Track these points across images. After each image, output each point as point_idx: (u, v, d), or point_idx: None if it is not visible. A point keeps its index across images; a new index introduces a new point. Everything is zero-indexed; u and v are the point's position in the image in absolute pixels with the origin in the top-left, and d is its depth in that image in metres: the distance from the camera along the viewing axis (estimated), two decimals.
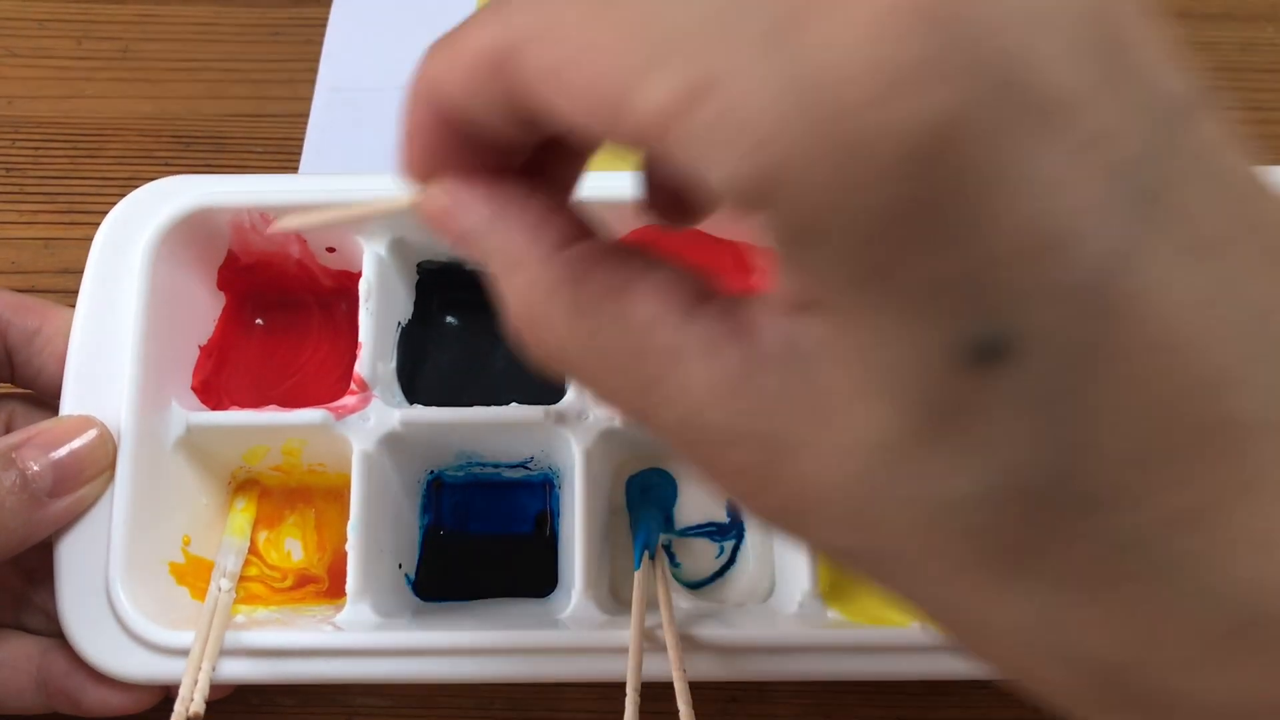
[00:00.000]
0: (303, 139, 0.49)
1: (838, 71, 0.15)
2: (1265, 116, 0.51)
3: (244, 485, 0.41)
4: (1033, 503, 0.16)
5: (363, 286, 0.39)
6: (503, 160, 0.22)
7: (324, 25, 0.52)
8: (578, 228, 0.21)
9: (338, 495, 0.39)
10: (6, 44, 0.52)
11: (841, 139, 0.15)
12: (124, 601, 0.35)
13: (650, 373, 0.19)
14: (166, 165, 0.49)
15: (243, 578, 0.39)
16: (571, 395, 0.38)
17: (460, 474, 0.41)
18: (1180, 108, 0.16)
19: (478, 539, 0.41)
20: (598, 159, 0.23)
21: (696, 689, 0.39)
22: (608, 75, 0.17)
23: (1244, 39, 0.53)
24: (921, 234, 0.15)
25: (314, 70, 0.51)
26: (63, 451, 0.35)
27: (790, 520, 0.19)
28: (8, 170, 0.49)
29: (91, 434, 0.36)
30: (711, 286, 0.20)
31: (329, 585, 0.39)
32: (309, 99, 0.50)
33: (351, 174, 0.40)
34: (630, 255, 0.20)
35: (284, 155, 0.49)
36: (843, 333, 0.17)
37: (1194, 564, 0.16)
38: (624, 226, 0.39)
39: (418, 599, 0.40)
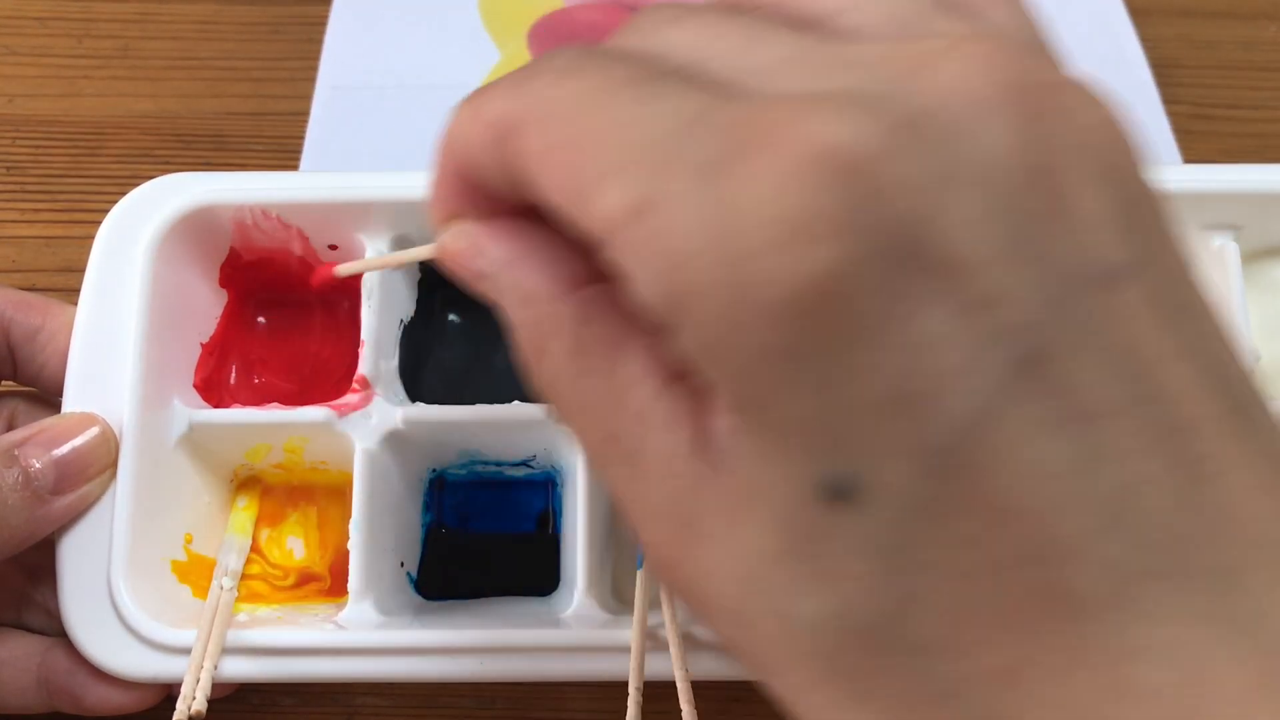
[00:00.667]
0: (303, 137, 0.49)
1: (750, 215, 0.16)
2: (1265, 116, 0.51)
3: (246, 483, 0.41)
4: (866, 638, 0.17)
5: (365, 284, 0.39)
6: (520, 204, 0.23)
7: (325, 23, 0.52)
8: (591, 271, 0.22)
9: (340, 493, 0.39)
10: (7, 42, 0.52)
11: (738, 279, 0.16)
12: (126, 599, 0.35)
13: (615, 427, 0.20)
14: (167, 164, 0.49)
15: (245, 576, 0.39)
16: None
17: (462, 472, 0.41)
18: (1094, 276, 0.17)
19: (480, 537, 0.41)
20: None
21: (698, 688, 0.39)
22: (580, 173, 0.18)
23: (1245, 37, 0.53)
24: (793, 376, 0.16)
25: (315, 68, 0.51)
26: (65, 449, 0.35)
27: (691, 600, 0.20)
28: (8, 168, 0.49)
29: (94, 431, 0.35)
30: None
31: (331, 584, 0.39)
32: (310, 97, 0.50)
33: (352, 172, 0.40)
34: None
35: (285, 153, 0.49)
36: (743, 445, 0.18)
37: None
38: None
39: (420, 597, 0.39)
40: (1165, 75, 0.52)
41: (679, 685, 0.32)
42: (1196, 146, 0.50)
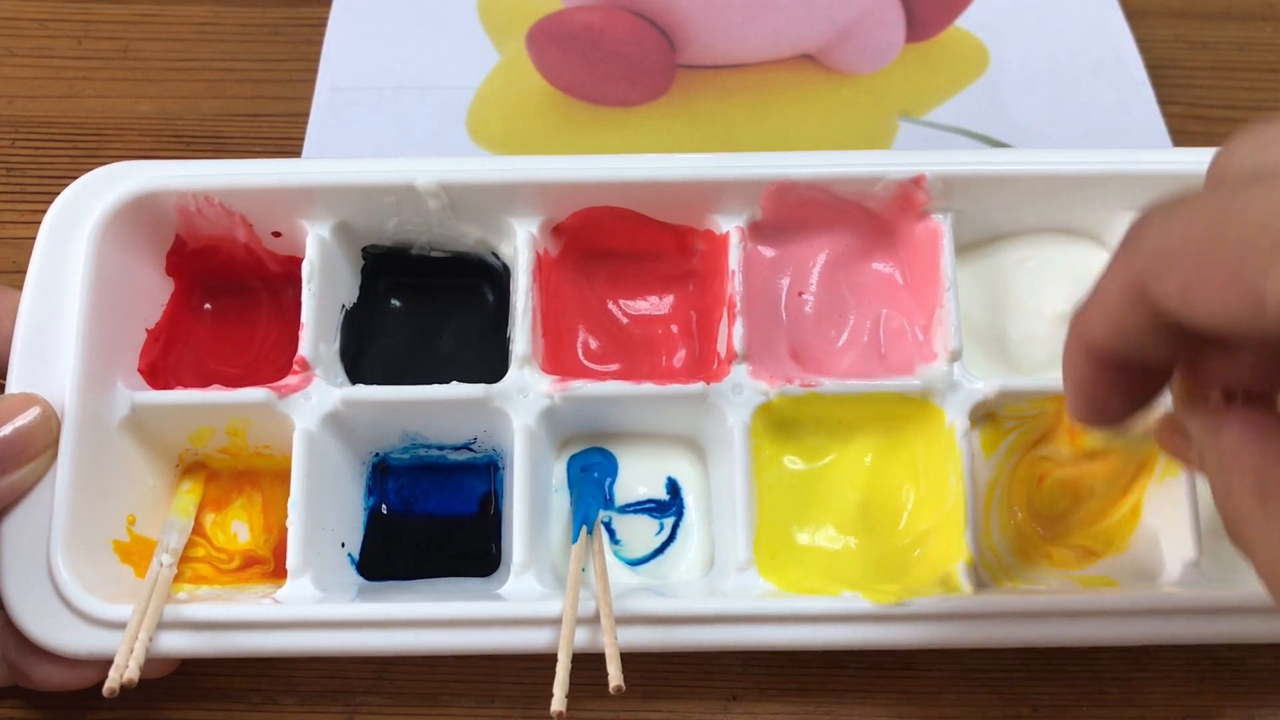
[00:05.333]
0: (303, 138, 0.49)
1: None
2: (1262, 116, 0.51)
3: (192, 468, 0.41)
4: None
5: (305, 268, 0.39)
6: (1152, 388, 0.27)
7: (324, 24, 0.53)
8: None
9: (284, 478, 0.39)
10: (7, 43, 0.52)
11: None
12: (65, 576, 0.35)
13: None
14: None
15: (190, 559, 0.39)
16: (511, 374, 0.39)
17: (405, 456, 0.42)
18: None
19: (422, 520, 0.41)
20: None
21: (696, 688, 0.39)
22: (1238, 276, 0.20)
23: (1241, 39, 0.53)
24: None
25: (314, 69, 0.51)
26: (6, 430, 0.35)
27: None
28: (8, 170, 0.49)
29: (34, 412, 0.36)
30: None
31: (274, 566, 0.40)
32: (309, 98, 0.51)
33: (295, 160, 0.41)
34: None
35: (284, 154, 0.49)
36: None
37: None
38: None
39: (361, 578, 0.40)
40: (1161, 76, 0.52)
41: (607, 651, 0.33)
42: (1193, 147, 0.50)
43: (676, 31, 0.53)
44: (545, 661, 0.34)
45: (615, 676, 0.32)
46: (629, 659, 0.33)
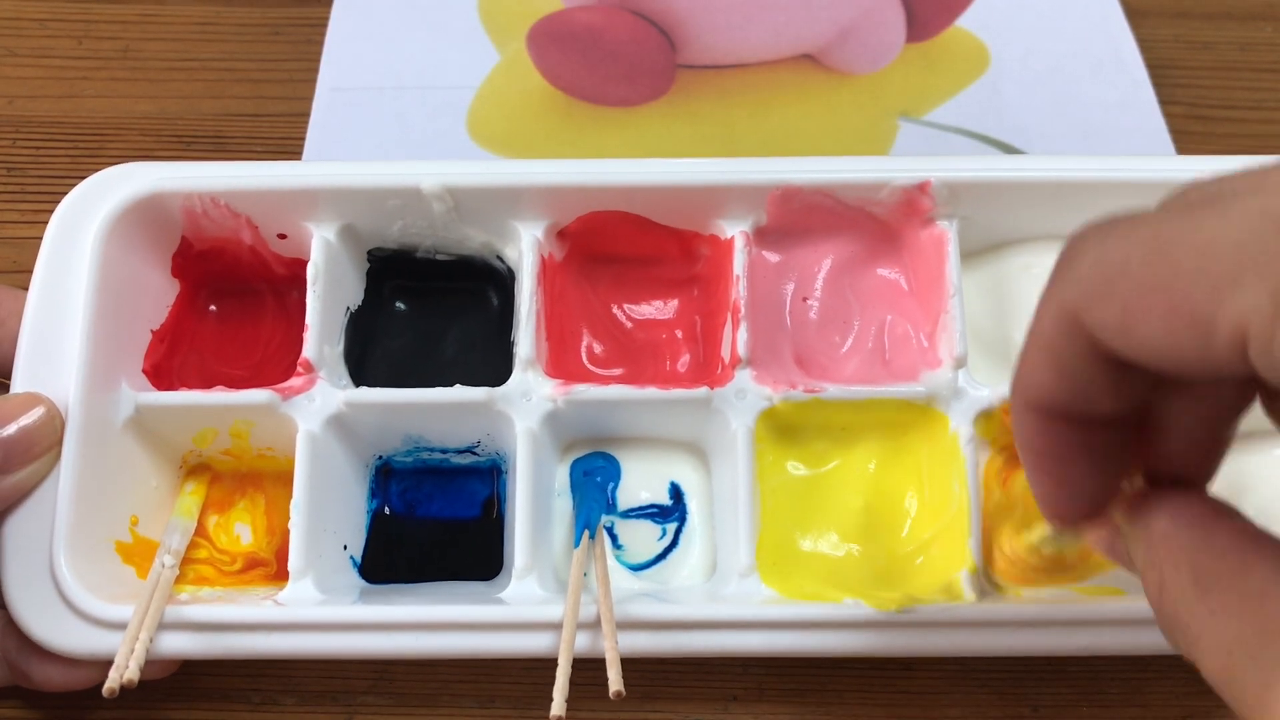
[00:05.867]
0: (303, 139, 0.49)
1: None
2: (1262, 116, 0.52)
3: (195, 470, 0.41)
4: None
5: (310, 270, 0.39)
6: (1114, 453, 0.24)
7: (324, 25, 0.53)
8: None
9: (288, 480, 0.39)
10: (7, 43, 0.52)
11: None
12: (67, 577, 0.35)
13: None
14: None
15: (192, 560, 0.39)
16: (515, 378, 0.39)
17: (408, 459, 0.42)
18: None
19: (425, 523, 0.41)
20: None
21: (697, 689, 0.39)
22: (1185, 301, 0.19)
23: (1242, 38, 0.53)
24: None
25: (315, 70, 0.51)
26: (10, 429, 0.35)
27: None
28: (9, 170, 0.49)
29: (39, 411, 0.36)
30: None
31: (277, 569, 0.40)
32: (310, 98, 0.51)
33: (301, 162, 0.40)
34: None
35: (285, 155, 0.49)
36: None
37: None
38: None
39: (364, 581, 0.40)
40: (1162, 76, 0.52)
41: (608, 656, 0.33)
42: (1193, 147, 0.50)
43: (677, 31, 0.53)
44: (546, 662, 0.34)
45: (615, 682, 0.32)
46: (629, 660, 0.33)
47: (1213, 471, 0.25)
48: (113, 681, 0.32)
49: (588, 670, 0.34)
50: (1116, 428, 0.24)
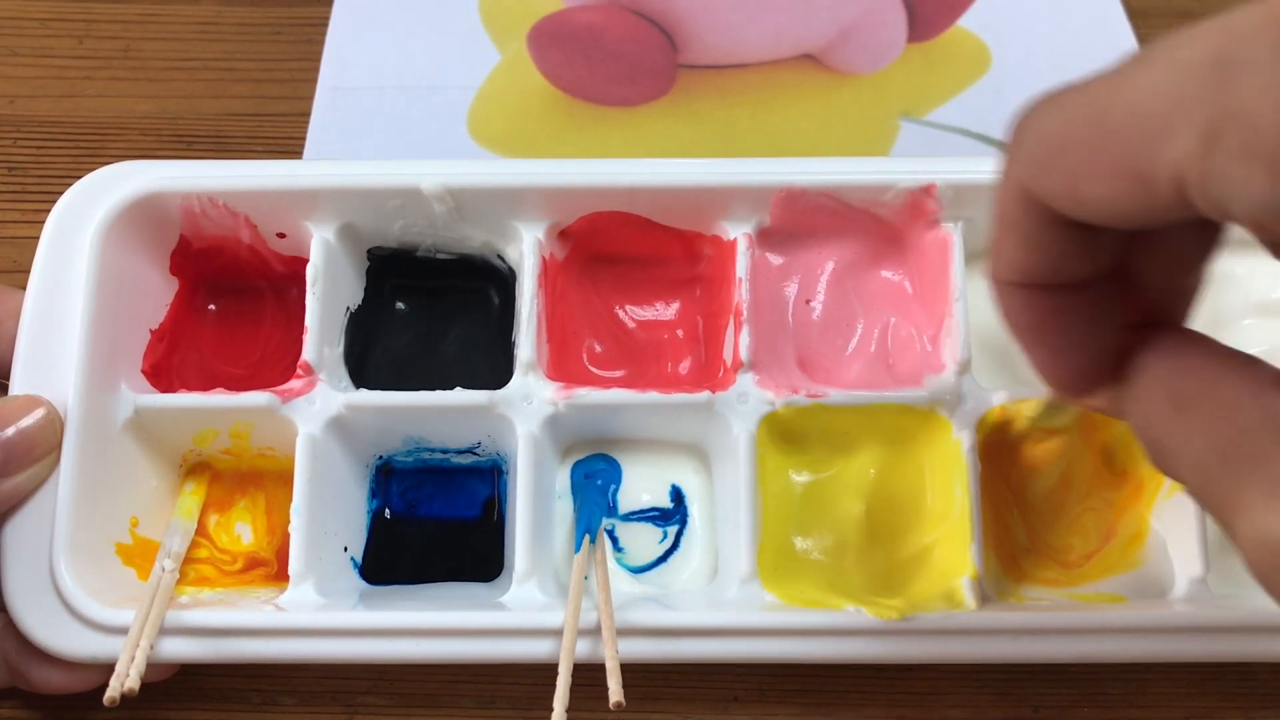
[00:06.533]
0: (304, 138, 0.49)
1: None
2: None
3: (195, 469, 0.41)
4: None
5: (310, 272, 0.39)
6: (1101, 310, 0.25)
7: (325, 24, 0.52)
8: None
9: (288, 479, 0.39)
10: (8, 43, 0.52)
11: None
12: (67, 580, 0.35)
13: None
14: None
15: (193, 560, 0.39)
16: (516, 381, 0.39)
17: (409, 460, 0.42)
18: None
19: (425, 524, 0.41)
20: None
21: (697, 690, 0.39)
22: (1122, 159, 0.20)
23: None
24: None
25: (315, 69, 0.51)
26: (10, 431, 0.35)
27: None
28: (9, 169, 0.49)
29: (39, 413, 0.36)
30: None
31: (278, 569, 0.40)
32: (310, 98, 0.50)
33: (300, 161, 0.40)
34: None
35: (285, 154, 0.49)
36: None
37: None
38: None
39: (364, 582, 0.40)
40: None
41: (608, 665, 0.33)
42: None
43: (678, 31, 0.53)
44: (547, 664, 0.34)
45: (615, 692, 0.32)
46: (630, 664, 0.33)
47: (1187, 313, 0.26)
48: (113, 690, 0.32)
49: (589, 671, 0.34)
50: (1096, 289, 0.25)
